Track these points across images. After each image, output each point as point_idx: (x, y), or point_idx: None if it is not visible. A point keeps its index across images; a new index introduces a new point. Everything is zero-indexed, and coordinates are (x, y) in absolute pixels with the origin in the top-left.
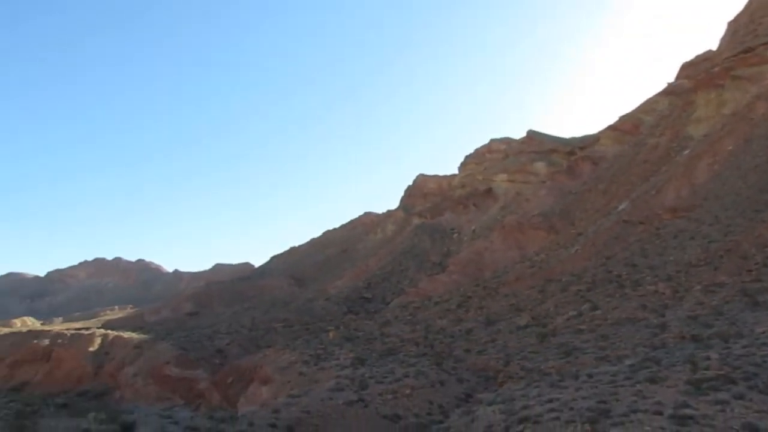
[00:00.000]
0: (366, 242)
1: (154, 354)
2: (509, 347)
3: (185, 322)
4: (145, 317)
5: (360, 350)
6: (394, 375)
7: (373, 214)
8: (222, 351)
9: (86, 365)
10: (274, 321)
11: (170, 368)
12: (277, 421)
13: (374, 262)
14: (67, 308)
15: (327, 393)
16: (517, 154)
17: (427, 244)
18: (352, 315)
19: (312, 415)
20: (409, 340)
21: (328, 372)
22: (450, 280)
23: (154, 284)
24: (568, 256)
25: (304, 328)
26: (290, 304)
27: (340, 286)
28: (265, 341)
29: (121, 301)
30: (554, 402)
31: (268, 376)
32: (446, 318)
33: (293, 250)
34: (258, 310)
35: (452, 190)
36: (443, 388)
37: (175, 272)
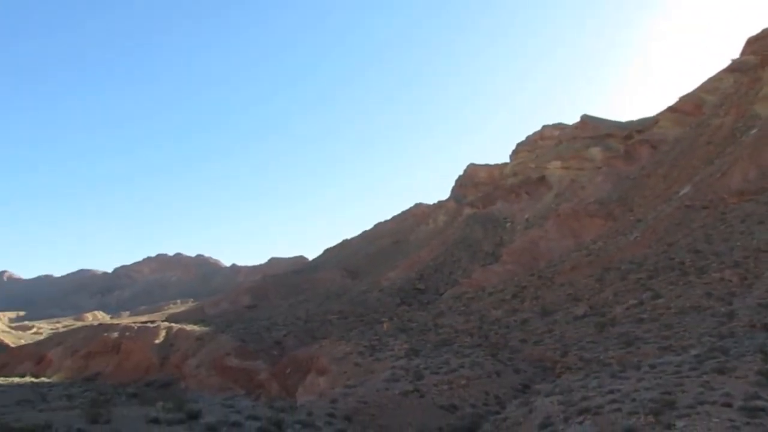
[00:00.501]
0: (418, 233)
1: (215, 346)
2: (566, 337)
3: (243, 315)
4: (206, 310)
5: (414, 341)
6: (449, 365)
7: (424, 205)
8: (279, 342)
9: (153, 357)
10: (328, 313)
11: (231, 359)
12: (335, 410)
13: (426, 253)
14: (134, 302)
15: (383, 383)
16: (571, 140)
17: (480, 234)
18: (405, 306)
19: (369, 404)
20: (464, 330)
21: (383, 363)
22: (504, 270)
23: (213, 278)
24: (627, 243)
25: (358, 319)
26: (344, 296)
27: (393, 277)
28: (321, 333)
29: (182, 295)
30: (615, 393)
31: (324, 366)
32: (501, 308)
33: (345, 243)
34: (313, 302)
35: (504, 179)
36: (499, 378)
37: (233, 266)
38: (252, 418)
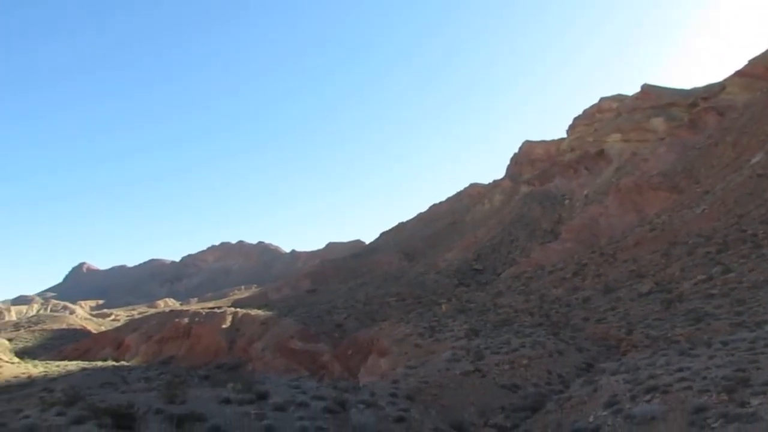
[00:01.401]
0: (474, 214)
1: (279, 329)
2: (631, 315)
3: (304, 299)
4: (269, 295)
5: (473, 321)
6: (510, 345)
7: (480, 185)
8: (340, 325)
9: (221, 340)
10: (387, 295)
11: (294, 342)
12: (397, 390)
13: (483, 233)
14: (200, 289)
15: (443, 363)
16: (631, 111)
17: (537, 212)
18: (463, 287)
19: (430, 384)
20: (524, 310)
21: (443, 343)
22: (563, 248)
23: (274, 264)
24: (694, 216)
25: (416, 301)
26: (402, 278)
27: (450, 258)
28: (380, 315)
29: (245, 281)
30: (685, 371)
31: (385, 348)
32: (561, 287)
33: (401, 226)
34: (371, 285)
35: (561, 155)
36: (562, 357)
37: (292, 252)
38: (317, 399)
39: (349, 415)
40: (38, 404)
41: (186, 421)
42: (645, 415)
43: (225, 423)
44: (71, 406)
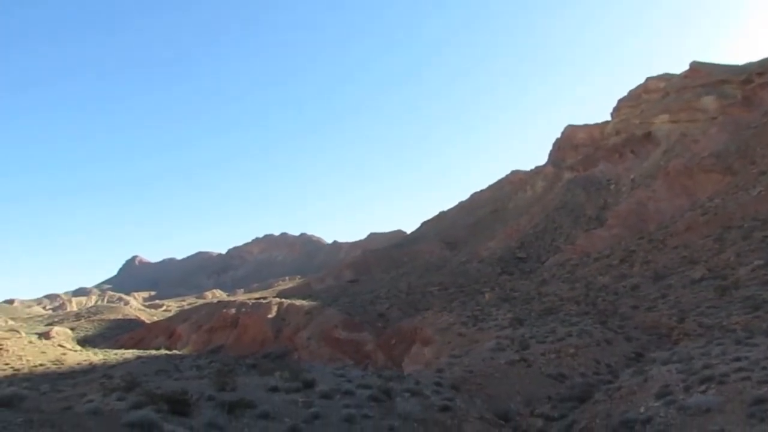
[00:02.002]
0: (516, 201)
1: (323, 319)
2: (683, 303)
3: (347, 289)
4: (312, 285)
5: (518, 310)
6: (556, 334)
7: (521, 172)
8: (383, 315)
9: (267, 330)
10: (429, 285)
11: (339, 331)
12: (442, 379)
13: (526, 220)
14: (246, 280)
15: (488, 353)
16: (680, 90)
17: (582, 198)
18: (506, 275)
19: (475, 374)
20: (569, 298)
21: (488, 332)
22: (610, 235)
23: (317, 255)
24: (750, 198)
25: (459, 290)
26: (444, 267)
27: (493, 247)
28: (423, 304)
29: (289, 272)
30: (742, 360)
31: (428, 337)
32: (608, 274)
33: (442, 215)
34: (413, 274)
35: (606, 139)
36: (610, 347)
37: (334, 243)
38: (363, 387)
39: (394, 403)
40: (100, 389)
41: (237, 408)
42: (700, 407)
43: (273, 410)
44: (130, 392)
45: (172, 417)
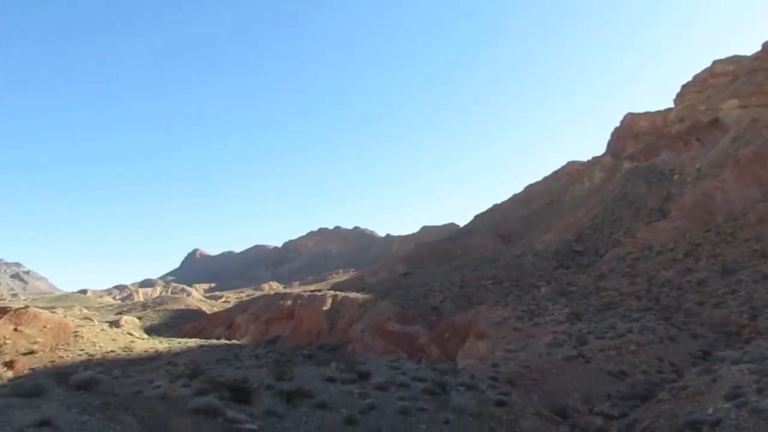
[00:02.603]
0: (572, 193)
1: (377, 312)
2: (755, 299)
3: (400, 282)
4: (365, 278)
5: (575, 305)
6: (616, 330)
7: (578, 163)
8: (436, 308)
9: (322, 322)
10: (483, 278)
11: (392, 324)
12: (497, 374)
13: (583, 213)
14: (301, 273)
15: (544, 348)
16: (750, 73)
17: (643, 189)
18: (563, 269)
19: (531, 369)
20: (630, 293)
21: (544, 327)
22: (673, 227)
23: (370, 248)
24: None
25: (514, 284)
26: (498, 261)
27: (548, 240)
28: (477, 298)
29: (342, 265)
30: None
31: (482, 331)
32: (672, 269)
33: (496, 208)
34: (467, 268)
35: (668, 127)
36: (674, 344)
37: (387, 236)
38: (417, 380)
39: (449, 397)
40: (166, 376)
41: (295, 397)
42: None
43: (330, 400)
44: (194, 379)
45: (233, 404)
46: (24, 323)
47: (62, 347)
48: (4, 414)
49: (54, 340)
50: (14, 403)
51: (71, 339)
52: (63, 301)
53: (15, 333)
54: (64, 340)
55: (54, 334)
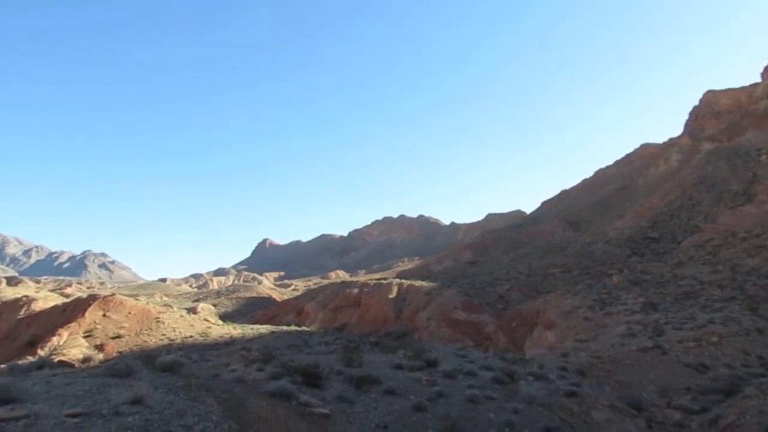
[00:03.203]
0: (647, 177)
1: (442, 300)
2: None
3: (466, 270)
4: (431, 267)
5: (650, 294)
6: (696, 321)
7: (653, 145)
8: (503, 296)
9: (388, 310)
10: (551, 266)
11: (458, 312)
12: (567, 364)
13: (659, 198)
14: (367, 261)
15: (617, 338)
16: None
17: (725, 172)
18: (636, 257)
19: (603, 360)
20: (711, 282)
21: (616, 317)
22: (761, 212)
23: (435, 236)
24: None
25: (584, 272)
26: (567, 248)
27: (620, 227)
28: (544, 287)
29: (407, 254)
30: None
31: (551, 320)
32: (759, 256)
33: (564, 194)
34: (534, 256)
35: (754, 103)
36: (762, 336)
37: (452, 224)
38: (485, 368)
39: (517, 386)
40: (241, 360)
41: (364, 383)
42: None
43: (398, 387)
44: (267, 364)
45: (305, 388)
46: (111, 310)
47: (146, 332)
48: (101, 392)
49: (138, 325)
50: (109, 382)
51: (153, 324)
52: (145, 289)
53: (104, 318)
54: (147, 326)
55: (138, 319)
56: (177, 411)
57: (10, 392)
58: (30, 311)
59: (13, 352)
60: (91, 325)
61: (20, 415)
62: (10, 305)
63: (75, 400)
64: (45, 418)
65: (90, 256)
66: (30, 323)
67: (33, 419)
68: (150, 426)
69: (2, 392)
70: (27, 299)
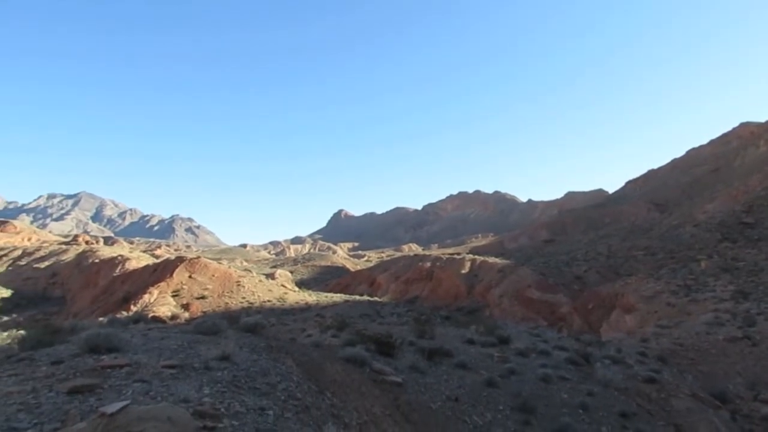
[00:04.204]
0: (744, 158)
1: (516, 278)
2: None
3: (542, 249)
4: (505, 244)
5: (741, 282)
6: None
7: (753, 125)
8: (580, 277)
9: (460, 285)
10: (633, 248)
11: (532, 291)
12: (647, 350)
13: (757, 180)
14: (440, 236)
15: (703, 326)
16: None
17: None
18: (728, 243)
19: (686, 348)
20: None
21: (702, 304)
22: None
23: (510, 213)
24: None
25: (668, 256)
26: (651, 230)
27: (712, 210)
28: (625, 269)
29: (481, 230)
30: None
31: (631, 304)
32: None
33: (651, 174)
34: (615, 237)
35: None
36: None
37: (529, 201)
38: (559, 349)
39: (593, 369)
40: (316, 326)
41: (435, 355)
42: None
43: (470, 361)
44: (342, 331)
45: (378, 356)
46: (197, 272)
47: (227, 294)
48: (192, 347)
49: (221, 287)
50: (198, 339)
51: (234, 287)
52: (227, 254)
53: (190, 280)
54: (228, 288)
55: (221, 282)
56: (261, 369)
57: (113, 342)
58: (124, 270)
59: (110, 306)
60: (178, 285)
61: (123, 363)
62: (108, 263)
63: (169, 353)
64: (144, 367)
65: (178, 220)
66: (124, 280)
67: (134, 368)
68: (237, 381)
69: (106, 342)
70: (122, 258)
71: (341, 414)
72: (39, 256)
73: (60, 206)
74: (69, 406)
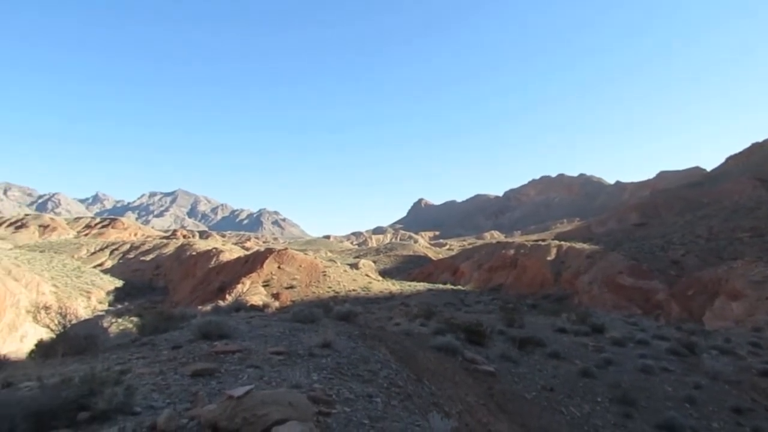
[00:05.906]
0: None
1: (606, 264)
2: None
3: (632, 233)
4: (592, 228)
5: None
6: None
7: None
8: (677, 262)
9: (546, 272)
10: (737, 230)
11: (624, 278)
12: (760, 340)
13: None
14: (523, 222)
15: None
16: None
17: None
18: None
19: None
20: None
21: None
22: None
23: (597, 196)
24: None
25: None
26: (758, 210)
27: None
28: (729, 253)
29: (566, 214)
30: None
31: (737, 290)
32: None
33: (756, 147)
34: (716, 218)
35: None
36: None
37: (617, 183)
38: (659, 338)
39: (699, 360)
40: (403, 315)
41: (527, 344)
42: None
43: (563, 350)
44: (429, 320)
45: (469, 345)
46: (285, 262)
47: (314, 284)
48: (294, 335)
49: (308, 277)
50: (297, 327)
51: (320, 277)
52: (311, 245)
53: (279, 270)
54: (315, 278)
55: (308, 272)
56: (361, 356)
57: (223, 329)
58: (219, 261)
59: (207, 296)
60: (268, 275)
61: (235, 349)
62: (204, 255)
63: (274, 340)
64: (255, 353)
65: (265, 213)
66: (219, 271)
67: (245, 354)
68: (341, 368)
69: (217, 329)
70: (216, 251)
71: (441, 402)
72: (144, 250)
73: (160, 203)
74: (195, 387)
